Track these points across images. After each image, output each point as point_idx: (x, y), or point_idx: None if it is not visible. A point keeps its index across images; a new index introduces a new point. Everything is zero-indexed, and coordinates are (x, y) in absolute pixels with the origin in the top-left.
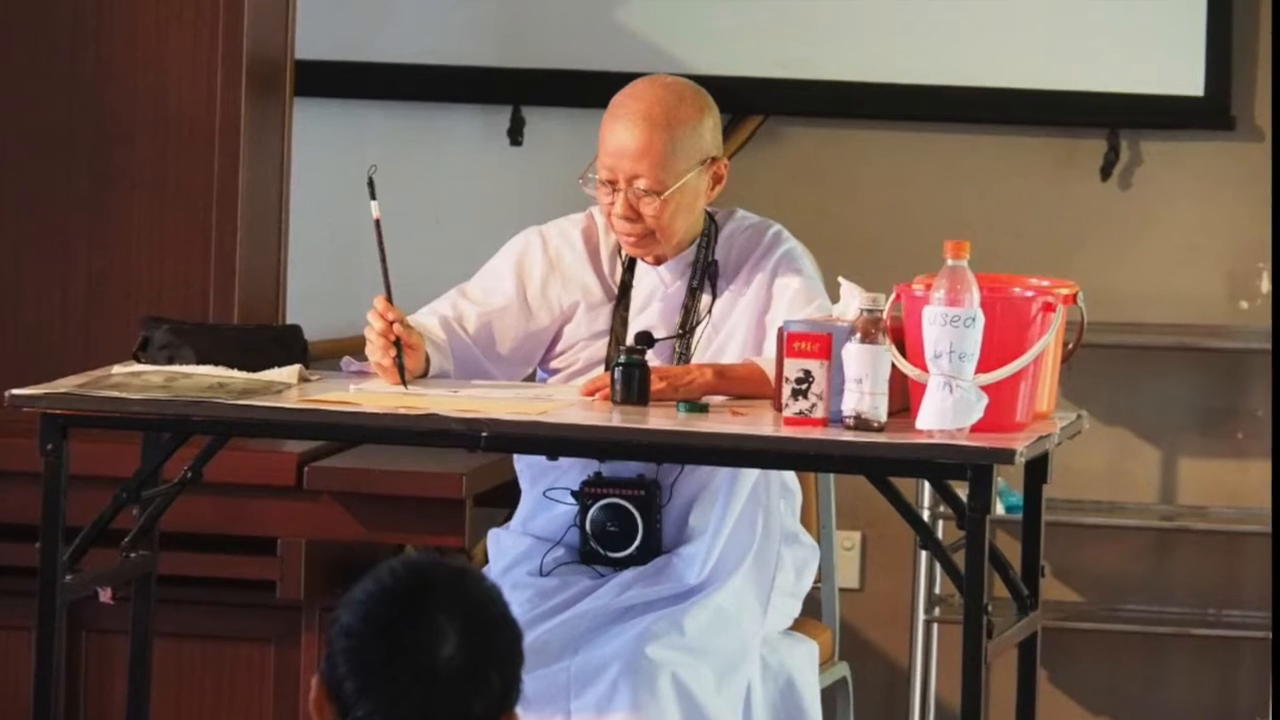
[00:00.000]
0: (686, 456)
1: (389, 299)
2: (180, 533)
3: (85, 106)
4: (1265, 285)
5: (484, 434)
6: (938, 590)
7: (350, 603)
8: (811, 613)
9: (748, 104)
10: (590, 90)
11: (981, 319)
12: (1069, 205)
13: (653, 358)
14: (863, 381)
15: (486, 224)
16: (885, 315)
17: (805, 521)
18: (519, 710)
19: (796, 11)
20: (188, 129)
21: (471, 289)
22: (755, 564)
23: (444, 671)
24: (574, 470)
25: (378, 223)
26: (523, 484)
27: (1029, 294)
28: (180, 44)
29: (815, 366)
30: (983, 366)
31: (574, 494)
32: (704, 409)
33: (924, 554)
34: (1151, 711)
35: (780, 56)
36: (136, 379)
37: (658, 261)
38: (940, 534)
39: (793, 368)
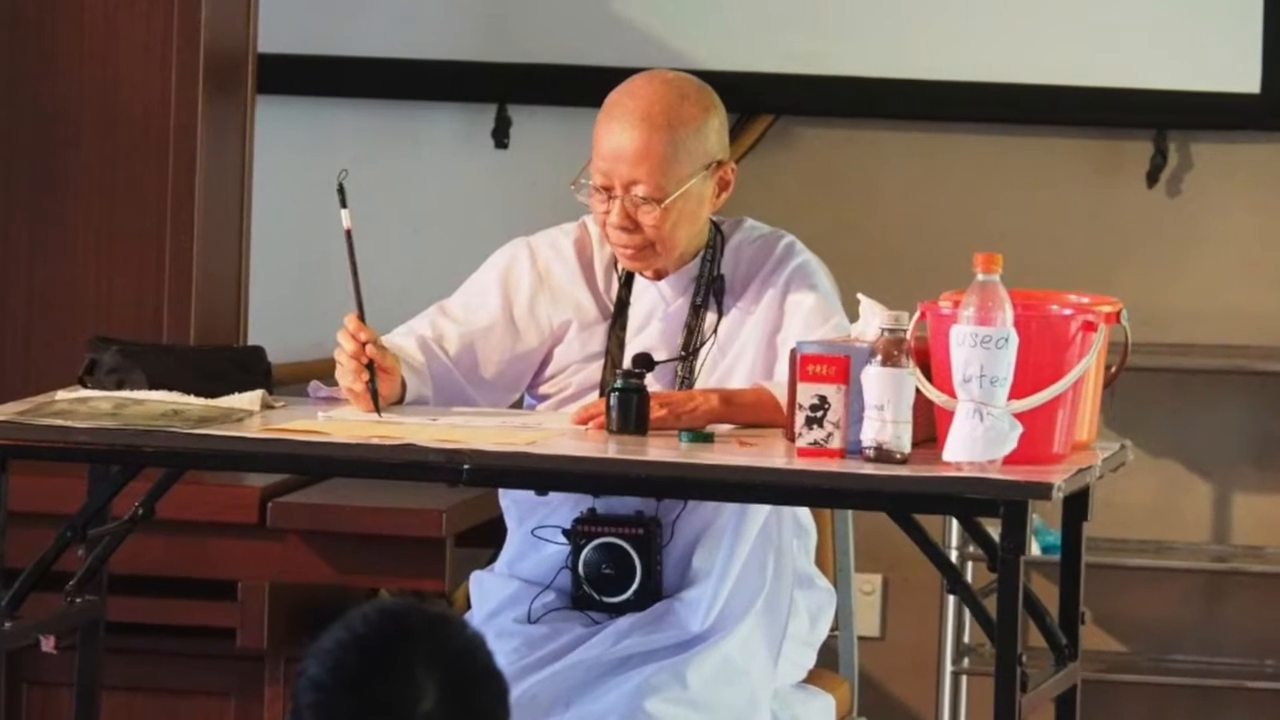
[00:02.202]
0: (689, 491)
1: (361, 317)
2: (131, 575)
3: (25, 104)
4: None
5: (466, 466)
6: (967, 639)
7: (318, 653)
8: (828, 663)
9: (757, 102)
10: (583, 87)
11: (1015, 340)
12: (1111, 214)
13: (652, 382)
14: (884, 409)
15: (469, 234)
16: (909, 335)
17: (821, 563)
18: None
19: (810, 0)
20: (139, 130)
21: (452, 306)
22: (765, 610)
23: None
24: (565, 507)
25: (349, 233)
26: (509, 522)
27: (1067, 312)
28: (131, 36)
29: (831, 392)
30: (1016, 392)
31: (565, 533)
32: (709, 439)
33: (952, 599)
34: None
35: (793, 50)
36: (82, 406)
37: (658, 276)
38: (970, 577)
39: (807, 393)
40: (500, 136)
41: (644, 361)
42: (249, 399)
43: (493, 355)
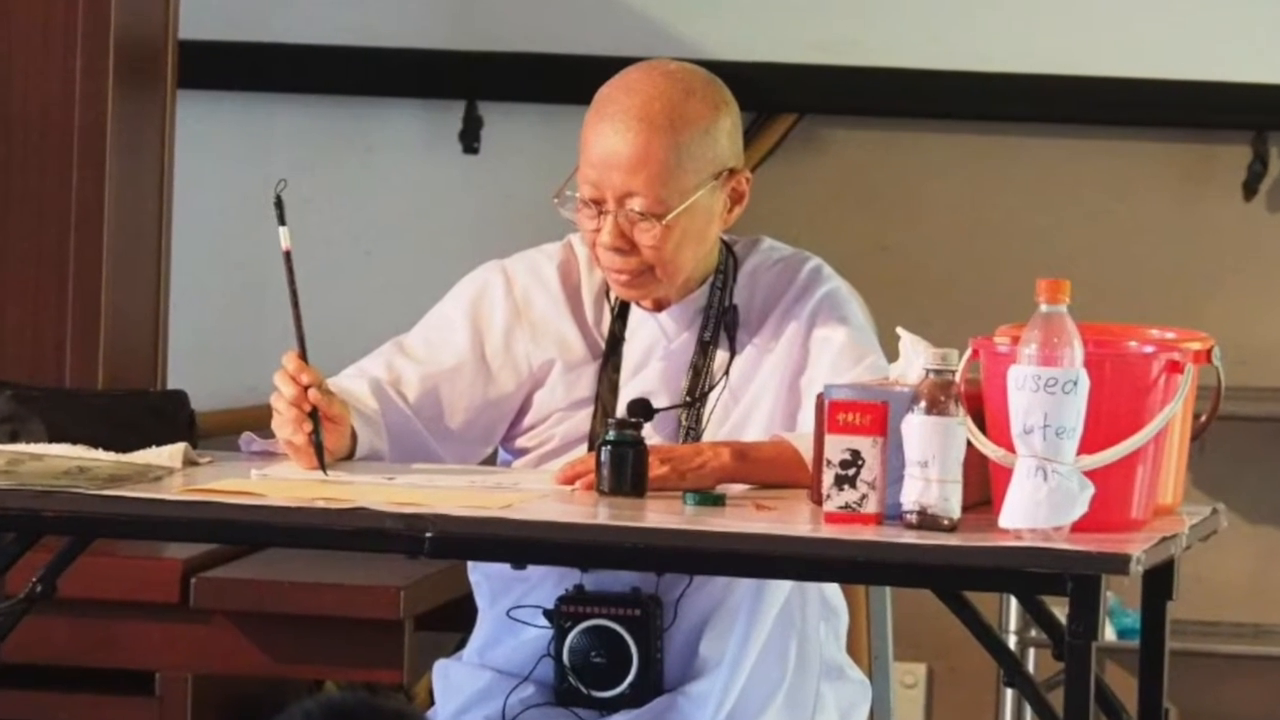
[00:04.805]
0: (696, 565)
1: (303, 356)
2: (28, 665)
3: None
4: None
5: (428, 535)
6: None
7: None
8: None
9: (777, 99)
10: (568, 81)
11: (1086, 383)
12: (1201, 232)
13: (651, 434)
14: (928, 465)
15: (432, 256)
16: (959, 378)
17: (853, 650)
18: None
19: None
20: (36, 131)
21: (412, 344)
22: (787, 706)
23: None
24: (547, 583)
25: (288, 255)
26: (480, 601)
27: (1149, 349)
28: (28, 19)
29: (866, 445)
30: (1087, 446)
31: (547, 614)
32: (719, 501)
33: (1010, 693)
34: None
35: (819, 37)
36: None
37: (658, 307)
38: (1031, 667)
39: (836, 447)
40: (469, 139)
41: (641, 409)
42: (168, 454)
43: (460, 401)
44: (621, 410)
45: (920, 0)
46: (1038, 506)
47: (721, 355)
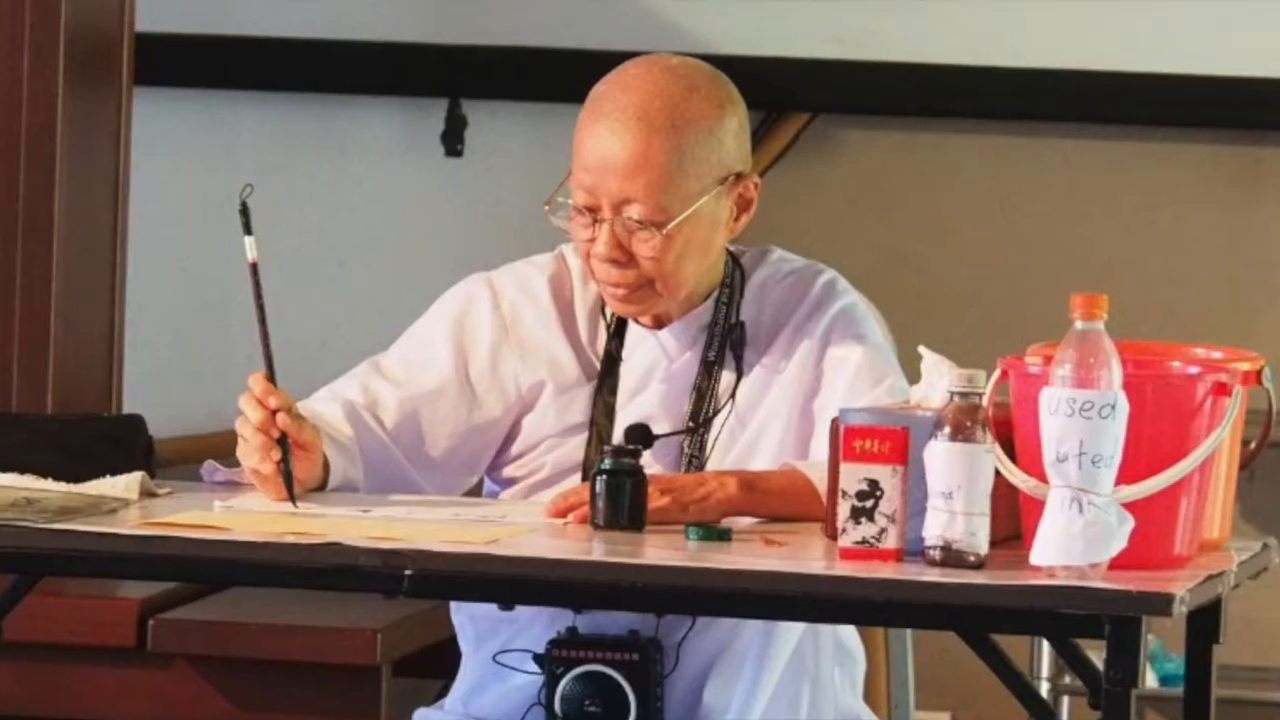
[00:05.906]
0: (699, 605)
1: (270, 378)
2: None
3: None
4: None
5: (408, 572)
6: None
7: None
8: None
9: (788, 97)
10: (559, 78)
11: (1125, 407)
12: (1251, 242)
13: (651, 462)
14: (953, 497)
15: (412, 267)
16: (986, 401)
17: (871, 698)
18: None
19: None
20: None
21: (390, 364)
22: None
23: None
24: (537, 625)
25: (254, 267)
26: (464, 645)
27: (1193, 370)
28: None
29: (885, 475)
30: (1126, 475)
31: (538, 659)
32: (724, 536)
33: None
34: None
35: (835, 30)
36: None
37: (658, 324)
38: (1065, 716)
39: (853, 476)
40: (452, 140)
41: (640, 435)
42: (124, 484)
43: (442, 427)
44: (618, 436)
45: None
46: (1073, 542)
47: (727, 376)
